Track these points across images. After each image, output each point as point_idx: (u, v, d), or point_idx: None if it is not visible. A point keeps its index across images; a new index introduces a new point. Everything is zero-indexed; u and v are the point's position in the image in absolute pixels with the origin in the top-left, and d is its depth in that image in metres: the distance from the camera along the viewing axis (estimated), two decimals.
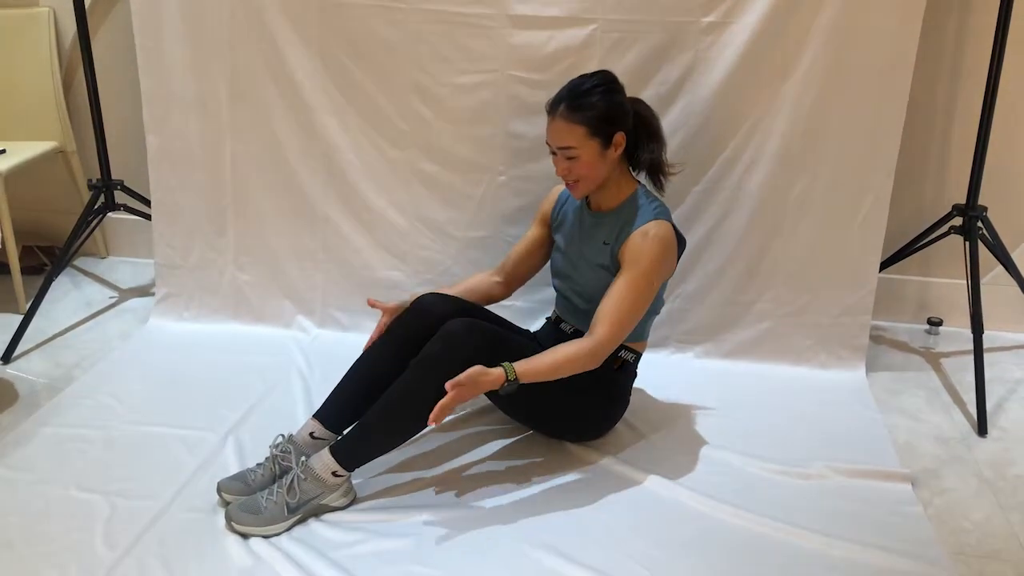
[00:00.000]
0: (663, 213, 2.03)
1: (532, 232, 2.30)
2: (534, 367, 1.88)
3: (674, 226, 2.04)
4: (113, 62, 2.93)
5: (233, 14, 2.49)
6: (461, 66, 2.45)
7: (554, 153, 2.01)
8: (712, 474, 2.07)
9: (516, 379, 1.85)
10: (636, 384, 2.21)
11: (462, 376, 1.79)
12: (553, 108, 1.98)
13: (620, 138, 1.99)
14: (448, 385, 1.78)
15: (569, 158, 1.97)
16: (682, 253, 2.10)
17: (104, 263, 3.25)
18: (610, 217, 2.07)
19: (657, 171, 2.11)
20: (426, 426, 1.93)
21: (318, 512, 1.89)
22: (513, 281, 2.32)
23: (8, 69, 2.96)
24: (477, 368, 1.82)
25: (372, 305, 2.11)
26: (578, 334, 2.15)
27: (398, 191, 2.60)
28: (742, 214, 2.49)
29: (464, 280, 2.33)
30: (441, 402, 1.77)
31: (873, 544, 1.83)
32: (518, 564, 1.77)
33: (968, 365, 2.45)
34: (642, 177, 2.13)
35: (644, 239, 1.97)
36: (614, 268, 2.03)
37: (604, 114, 1.96)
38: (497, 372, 1.84)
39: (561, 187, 2.27)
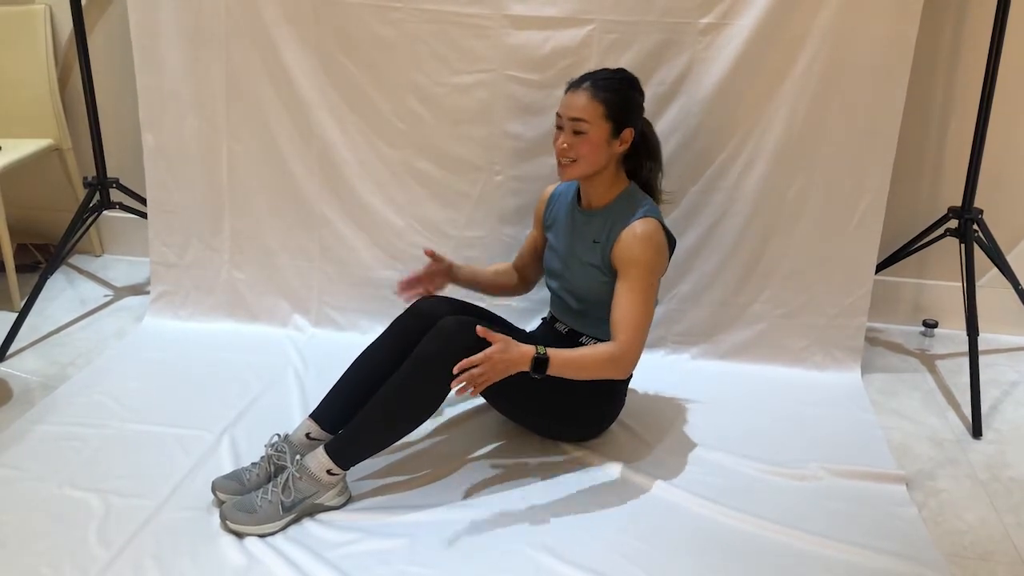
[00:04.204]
0: (652, 211, 2.03)
1: (533, 234, 2.32)
2: (564, 354, 1.86)
3: (663, 224, 2.04)
4: (109, 59, 2.93)
5: (230, 12, 2.48)
6: (458, 66, 2.45)
7: (559, 128, 2.01)
8: (707, 475, 2.07)
9: (546, 355, 1.82)
10: (631, 385, 2.20)
11: (494, 348, 1.76)
12: (576, 83, 1.99)
13: (628, 134, 2.00)
14: (481, 357, 1.75)
15: (577, 132, 1.97)
16: (672, 251, 2.10)
17: (99, 261, 3.25)
18: (600, 215, 2.07)
19: (650, 194, 2.13)
20: (420, 424, 1.94)
21: (313, 511, 1.89)
22: (525, 280, 2.35)
23: (4, 66, 2.95)
24: (507, 340, 1.79)
25: (429, 254, 2.15)
26: (573, 334, 2.15)
27: (395, 190, 2.60)
28: (739, 215, 2.49)
29: (495, 264, 2.39)
30: (471, 372, 1.75)
31: (867, 545, 1.83)
32: (513, 564, 1.77)
33: (963, 367, 2.45)
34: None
35: (634, 239, 1.97)
36: (605, 268, 2.03)
37: (624, 103, 1.98)
38: (526, 348, 1.82)
39: (552, 187, 2.27)
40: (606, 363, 1.92)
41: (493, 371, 1.78)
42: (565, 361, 1.87)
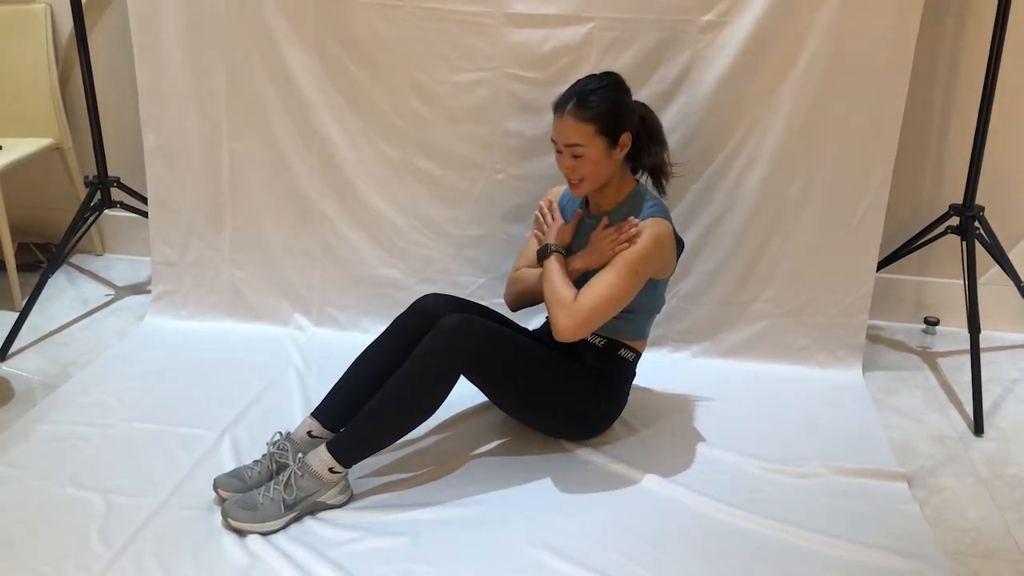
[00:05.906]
0: (660, 212, 2.04)
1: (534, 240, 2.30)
2: (557, 269, 2.01)
3: (672, 225, 2.04)
4: (110, 58, 2.93)
5: (230, 10, 2.48)
6: (459, 64, 2.45)
7: (559, 151, 2.02)
8: (709, 473, 2.07)
9: (552, 253, 2.04)
10: (633, 383, 2.20)
11: (566, 223, 2.09)
12: (561, 106, 1.99)
13: (626, 139, 2.00)
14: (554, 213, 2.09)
15: (575, 156, 1.98)
16: (680, 254, 2.11)
17: (100, 260, 3.25)
18: (608, 218, 2.07)
19: (659, 173, 2.14)
20: (422, 422, 1.94)
21: (315, 509, 1.89)
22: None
23: (4, 65, 2.95)
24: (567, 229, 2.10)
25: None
26: None
27: (395, 189, 2.60)
28: (740, 213, 2.49)
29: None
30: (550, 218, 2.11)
31: (869, 543, 1.83)
32: (515, 562, 1.77)
33: (965, 365, 2.45)
34: (643, 178, 2.14)
35: (637, 236, 1.97)
36: None
37: (612, 113, 1.97)
38: (563, 238, 2.10)
39: (559, 190, 2.27)
40: (559, 302, 1.96)
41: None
42: (552, 272, 2.00)
